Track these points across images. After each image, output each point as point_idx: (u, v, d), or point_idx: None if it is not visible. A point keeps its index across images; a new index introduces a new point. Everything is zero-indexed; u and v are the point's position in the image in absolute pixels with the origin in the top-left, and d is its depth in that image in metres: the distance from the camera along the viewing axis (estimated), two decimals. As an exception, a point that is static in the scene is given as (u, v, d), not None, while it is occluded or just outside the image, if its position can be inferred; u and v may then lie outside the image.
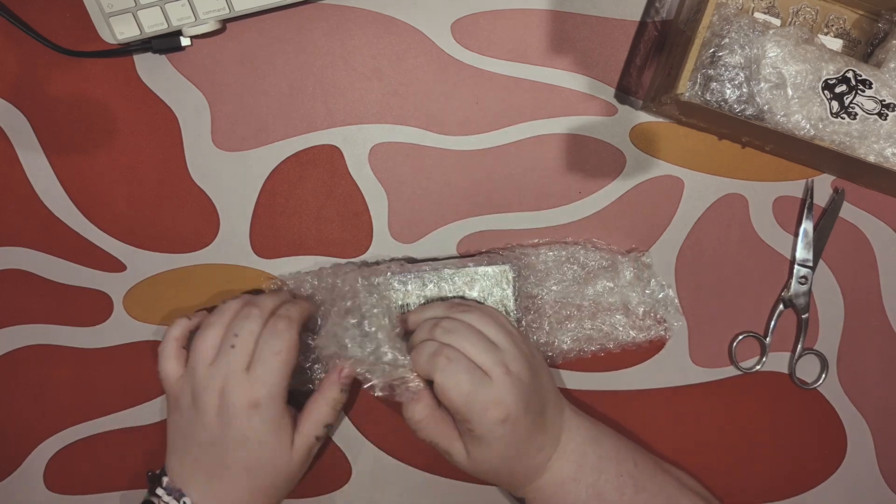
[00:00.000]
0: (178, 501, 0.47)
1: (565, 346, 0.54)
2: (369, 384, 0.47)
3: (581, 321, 0.53)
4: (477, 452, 0.47)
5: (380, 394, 0.47)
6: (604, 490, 0.48)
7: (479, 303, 0.52)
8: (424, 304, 0.51)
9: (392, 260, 0.55)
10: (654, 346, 0.56)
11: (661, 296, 0.55)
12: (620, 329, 0.54)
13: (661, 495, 0.49)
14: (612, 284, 0.53)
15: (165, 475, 0.48)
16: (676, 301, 0.55)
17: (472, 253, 0.55)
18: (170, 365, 0.49)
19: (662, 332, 0.55)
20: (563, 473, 0.48)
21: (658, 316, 0.55)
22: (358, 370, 0.48)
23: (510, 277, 0.52)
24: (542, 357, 0.52)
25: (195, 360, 0.48)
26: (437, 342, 0.46)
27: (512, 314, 0.52)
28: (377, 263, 0.54)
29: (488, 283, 0.52)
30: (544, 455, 0.48)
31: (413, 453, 0.57)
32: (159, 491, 0.48)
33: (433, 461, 0.57)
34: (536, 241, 0.55)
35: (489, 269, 0.52)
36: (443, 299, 0.52)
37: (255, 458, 0.47)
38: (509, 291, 0.52)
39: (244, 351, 0.47)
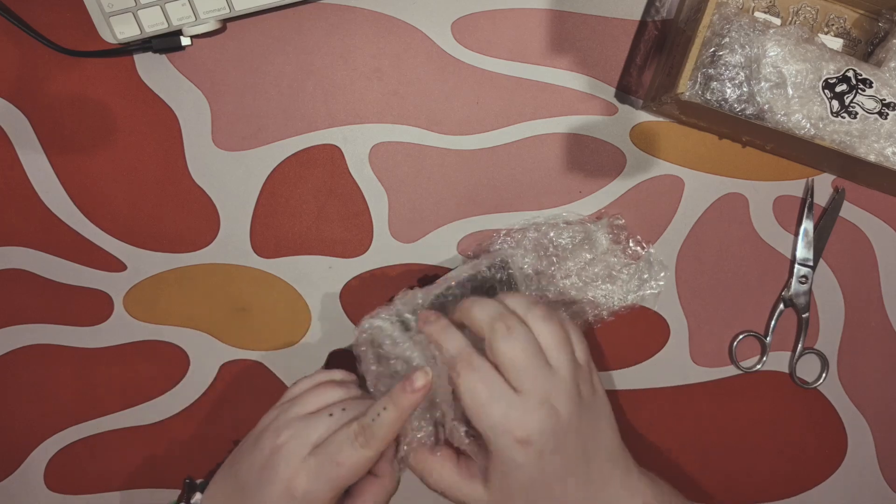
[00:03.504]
0: None
1: None
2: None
3: (568, 297, 0.53)
4: (495, 483, 0.41)
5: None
6: None
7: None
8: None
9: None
10: (654, 345, 0.56)
11: (642, 254, 0.54)
12: (610, 297, 0.54)
13: None
14: (590, 255, 0.53)
15: (201, 491, 0.46)
16: (657, 256, 0.55)
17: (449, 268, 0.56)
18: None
19: (651, 290, 0.55)
20: None
21: (644, 275, 0.55)
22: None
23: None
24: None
25: (284, 399, 0.46)
26: (463, 347, 0.41)
27: None
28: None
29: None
30: None
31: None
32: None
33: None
34: (504, 230, 0.55)
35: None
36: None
37: None
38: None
39: (313, 433, 0.42)
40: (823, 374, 0.56)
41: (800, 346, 0.56)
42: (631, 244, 0.55)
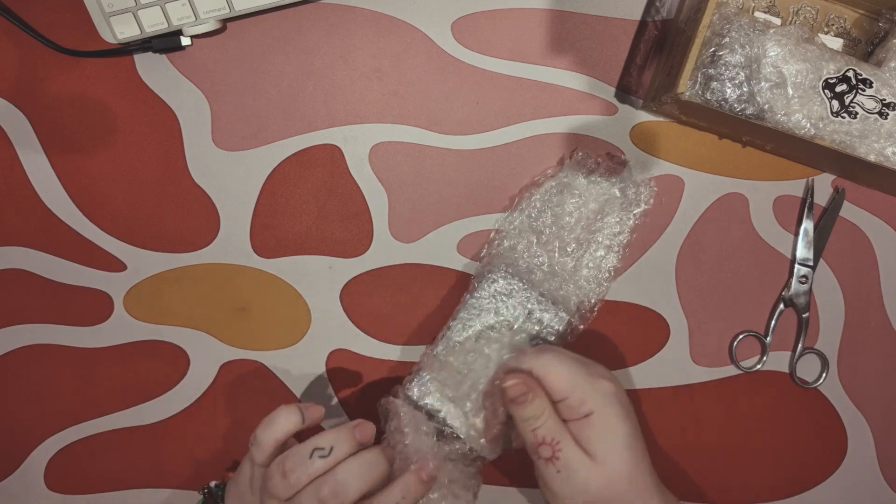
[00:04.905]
0: None
1: (596, 283, 0.54)
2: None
3: (584, 252, 0.53)
4: (600, 443, 0.42)
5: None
6: None
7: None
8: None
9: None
10: (654, 345, 0.56)
11: (618, 167, 0.54)
12: (623, 223, 0.53)
13: None
14: (577, 200, 0.53)
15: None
16: (630, 162, 0.55)
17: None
18: (260, 455, 0.44)
19: (648, 186, 0.54)
20: None
21: (636, 188, 0.54)
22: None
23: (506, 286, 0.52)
24: None
25: (273, 485, 0.43)
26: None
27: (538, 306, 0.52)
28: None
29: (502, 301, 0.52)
30: None
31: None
32: None
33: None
34: (494, 231, 0.55)
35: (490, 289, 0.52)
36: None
37: None
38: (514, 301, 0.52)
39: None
40: (823, 374, 0.56)
41: (800, 346, 0.56)
42: (602, 165, 0.54)
